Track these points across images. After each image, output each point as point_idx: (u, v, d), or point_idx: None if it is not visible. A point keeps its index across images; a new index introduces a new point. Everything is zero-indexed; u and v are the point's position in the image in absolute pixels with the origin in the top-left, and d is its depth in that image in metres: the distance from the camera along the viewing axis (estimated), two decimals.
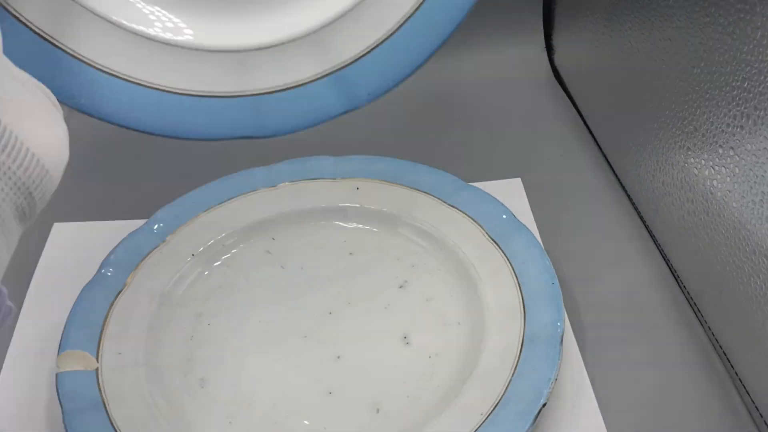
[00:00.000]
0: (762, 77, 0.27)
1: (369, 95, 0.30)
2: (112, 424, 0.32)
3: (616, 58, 0.41)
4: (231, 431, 0.33)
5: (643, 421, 0.32)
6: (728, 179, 0.30)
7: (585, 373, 0.34)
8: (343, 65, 0.30)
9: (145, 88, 0.28)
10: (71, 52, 0.26)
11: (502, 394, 0.32)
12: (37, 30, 0.25)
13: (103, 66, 0.27)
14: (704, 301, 0.35)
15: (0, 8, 0.23)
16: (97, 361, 0.34)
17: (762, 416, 0.30)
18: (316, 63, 0.29)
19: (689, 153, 0.33)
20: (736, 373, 0.32)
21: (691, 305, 0.36)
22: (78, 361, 0.34)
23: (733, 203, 0.30)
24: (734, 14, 0.28)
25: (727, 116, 0.29)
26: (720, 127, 0.30)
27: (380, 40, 0.29)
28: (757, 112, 0.27)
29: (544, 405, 0.30)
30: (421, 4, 0.29)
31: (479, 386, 0.33)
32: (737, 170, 0.29)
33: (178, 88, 0.28)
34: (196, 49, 0.28)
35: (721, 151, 0.30)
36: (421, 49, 0.30)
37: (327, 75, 0.30)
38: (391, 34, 0.29)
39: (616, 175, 0.44)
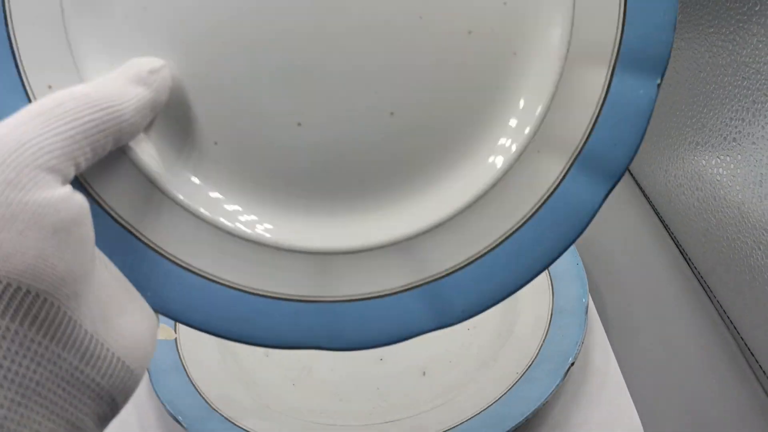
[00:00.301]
0: (759, 76, 0.31)
1: (464, 312, 0.25)
2: (191, 382, 0.36)
3: None
4: (295, 392, 0.37)
5: (660, 381, 0.36)
6: (732, 165, 0.35)
7: (607, 341, 0.38)
8: (436, 277, 0.25)
9: (216, 285, 0.24)
10: (147, 241, 0.24)
11: (535, 356, 0.36)
12: (117, 217, 0.23)
13: (177, 259, 0.24)
14: (712, 276, 0.39)
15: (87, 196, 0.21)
16: (175, 332, 0.39)
17: (763, 371, 0.34)
18: (406, 272, 0.25)
19: (698, 147, 0.38)
20: (742, 338, 0.36)
21: (700, 281, 0.40)
22: (160, 332, 0.39)
23: (737, 186, 0.34)
24: (734, 24, 0.33)
25: (730, 111, 0.34)
26: (724, 121, 0.35)
27: (482, 253, 0.25)
28: (756, 105, 0.32)
29: (572, 364, 0.35)
30: (529, 218, 0.25)
31: (513, 350, 0.37)
32: (740, 157, 0.34)
33: (250, 287, 0.25)
34: (274, 247, 0.24)
35: (725, 142, 0.35)
36: (527, 265, 0.25)
37: (418, 286, 0.25)
38: (495, 248, 0.25)
39: (632, 174, 0.48)
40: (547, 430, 0.35)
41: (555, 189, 0.24)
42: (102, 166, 0.21)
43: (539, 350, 0.36)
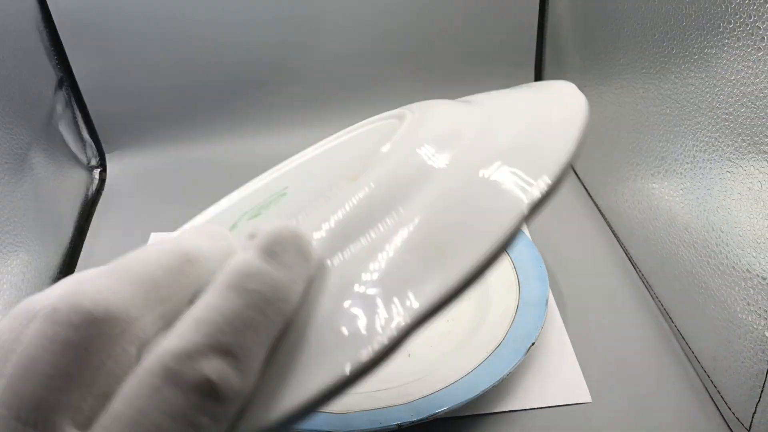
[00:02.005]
0: (677, 105, 0.39)
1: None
2: None
3: (594, 106, 0.54)
4: None
5: (606, 359, 0.43)
6: (661, 179, 0.42)
7: (564, 328, 0.45)
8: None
9: None
10: None
11: (502, 338, 0.43)
12: None
13: None
14: (652, 275, 0.46)
15: None
16: None
17: (692, 350, 0.41)
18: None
19: (637, 167, 0.46)
20: (674, 324, 0.44)
21: (641, 279, 0.48)
22: None
23: (666, 196, 0.42)
24: (658, 64, 0.41)
25: (658, 135, 0.42)
26: (654, 144, 0.43)
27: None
28: (676, 128, 0.40)
29: (533, 344, 0.41)
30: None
31: (485, 335, 0.44)
32: (667, 172, 0.42)
33: None
34: None
35: (656, 161, 0.43)
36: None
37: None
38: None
39: (590, 194, 0.56)
40: (511, 398, 0.41)
41: None
42: None
43: (506, 334, 0.43)
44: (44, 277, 0.49)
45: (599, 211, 0.54)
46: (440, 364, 0.43)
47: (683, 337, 0.43)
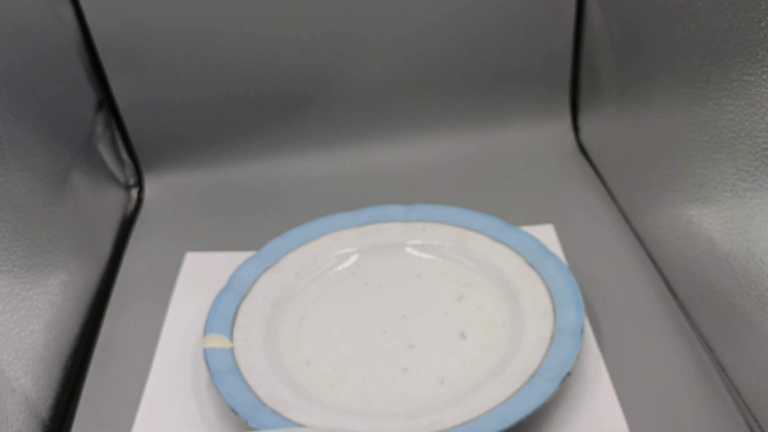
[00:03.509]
0: (717, 132, 0.39)
1: None
2: (246, 383, 0.43)
3: (624, 131, 0.54)
4: (331, 394, 0.44)
5: (644, 391, 0.42)
6: (701, 207, 0.42)
7: (601, 357, 0.44)
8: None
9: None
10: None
11: (537, 367, 0.42)
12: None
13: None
14: (691, 303, 0.45)
15: None
16: (231, 343, 0.46)
17: (737, 390, 0.40)
18: None
19: (676, 194, 0.45)
20: (713, 353, 0.43)
21: (680, 307, 0.47)
22: (218, 342, 0.46)
23: (706, 224, 0.41)
24: (696, 90, 0.40)
25: (697, 162, 0.41)
26: (692, 171, 0.42)
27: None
28: (715, 156, 0.39)
29: (568, 374, 0.41)
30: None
31: (519, 364, 0.43)
32: (706, 200, 0.41)
33: None
34: None
35: (694, 188, 0.42)
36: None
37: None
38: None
39: (627, 219, 0.55)
40: (546, 429, 0.41)
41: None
42: None
43: (541, 363, 0.43)
44: (83, 297, 0.50)
45: (637, 236, 0.53)
46: (473, 392, 0.42)
47: (724, 369, 0.42)
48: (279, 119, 0.63)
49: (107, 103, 0.59)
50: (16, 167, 0.42)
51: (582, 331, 0.43)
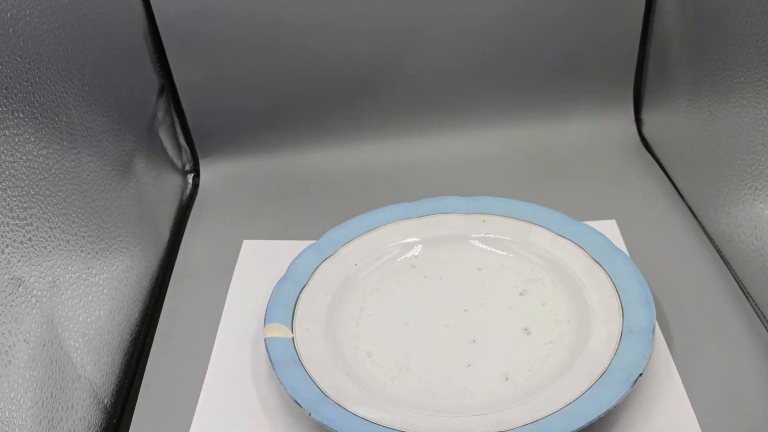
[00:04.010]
0: None
1: None
2: (307, 374, 0.42)
3: (697, 125, 0.52)
4: (394, 388, 0.43)
5: (718, 396, 0.41)
6: None
7: (671, 358, 0.43)
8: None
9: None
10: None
11: (606, 366, 0.41)
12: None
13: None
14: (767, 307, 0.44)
15: None
16: (292, 333, 0.45)
17: None
18: None
19: (756, 191, 0.43)
20: None
21: (755, 311, 0.45)
22: (279, 332, 0.45)
23: None
24: None
25: None
26: None
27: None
28: None
29: (640, 375, 0.39)
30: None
31: (588, 362, 0.42)
32: None
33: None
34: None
35: None
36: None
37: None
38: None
39: (696, 217, 0.53)
40: (616, 430, 0.40)
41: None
42: None
43: (610, 362, 0.41)
44: (144, 282, 0.50)
45: (707, 234, 0.52)
46: (540, 390, 0.41)
47: None
48: (339, 107, 0.62)
49: (168, 87, 0.59)
50: (86, 152, 0.42)
51: (653, 331, 0.42)
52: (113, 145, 0.47)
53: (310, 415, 0.39)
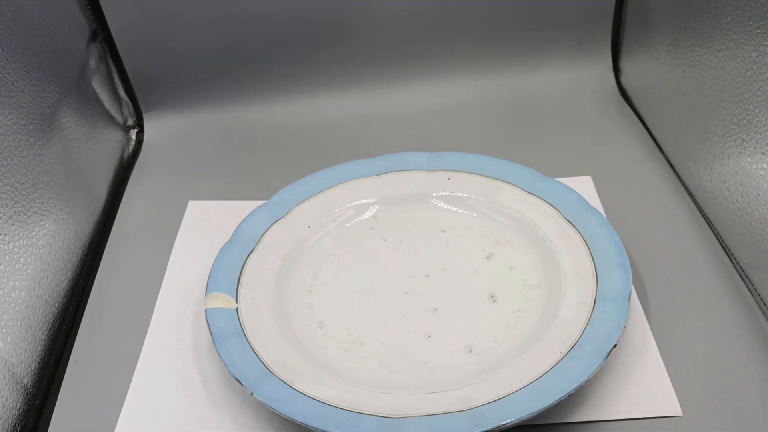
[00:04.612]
0: None
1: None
2: (251, 348, 0.39)
3: (678, 72, 0.48)
4: (347, 362, 0.39)
5: (697, 366, 0.38)
6: None
7: (648, 326, 0.40)
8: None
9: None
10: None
11: (578, 337, 0.38)
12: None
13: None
14: (753, 268, 0.40)
15: None
16: (236, 302, 0.41)
17: None
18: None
19: (743, 144, 0.39)
20: None
21: (740, 273, 0.42)
22: (221, 302, 0.41)
23: None
24: None
25: None
26: None
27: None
28: None
29: (614, 346, 0.36)
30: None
31: (558, 332, 0.39)
32: None
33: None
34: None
35: None
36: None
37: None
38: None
39: (676, 172, 0.50)
40: (587, 407, 0.36)
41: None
42: None
43: (582, 332, 0.38)
44: (73, 248, 0.45)
45: (688, 192, 0.48)
46: (506, 363, 0.38)
47: None
48: (293, 56, 0.57)
49: (102, 33, 0.54)
50: None
51: (629, 298, 0.38)
52: (30, 97, 0.41)
53: (251, 394, 0.35)
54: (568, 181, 0.49)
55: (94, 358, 0.41)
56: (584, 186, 0.50)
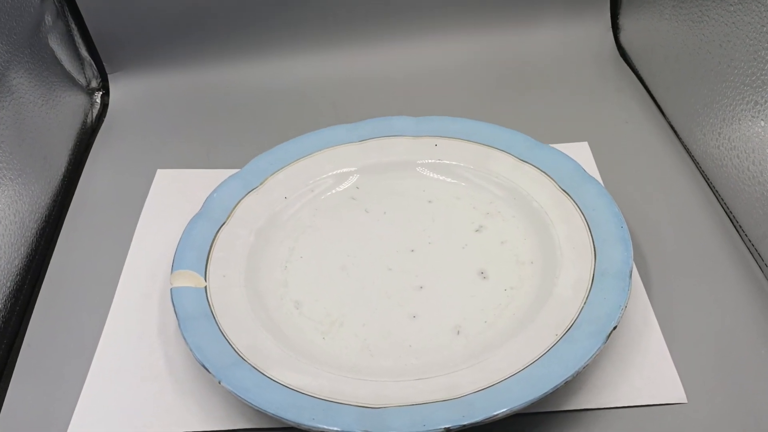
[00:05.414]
0: None
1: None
2: (220, 330, 0.35)
3: (684, 28, 0.44)
4: (325, 346, 0.36)
5: (704, 350, 0.35)
6: None
7: (650, 306, 0.37)
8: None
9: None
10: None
11: (575, 317, 0.35)
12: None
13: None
14: (763, 243, 0.37)
15: None
16: (205, 281, 0.38)
17: None
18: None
19: (756, 107, 0.36)
20: None
21: (749, 248, 0.39)
22: (189, 280, 0.38)
23: None
24: None
25: None
26: None
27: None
28: None
29: (614, 328, 0.33)
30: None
31: (553, 312, 0.36)
32: None
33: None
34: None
35: None
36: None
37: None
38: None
39: (679, 137, 0.46)
40: (585, 393, 0.33)
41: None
42: None
43: (580, 313, 0.35)
44: (28, 222, 0.42)
45: (693, 159, 0.45)
46: (496, 346, 0.35)
47: None
48: (269, 13, 0.53)
49: None
50: None
51: (630, 275, 0.35)
52: None
53: (219, 382, 0.32)
54: (564, 148, 0.46)
55: (50, 341, 0.38)
56: (580, 152, 0.47)
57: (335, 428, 0.30)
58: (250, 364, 0.34)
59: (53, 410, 0.35)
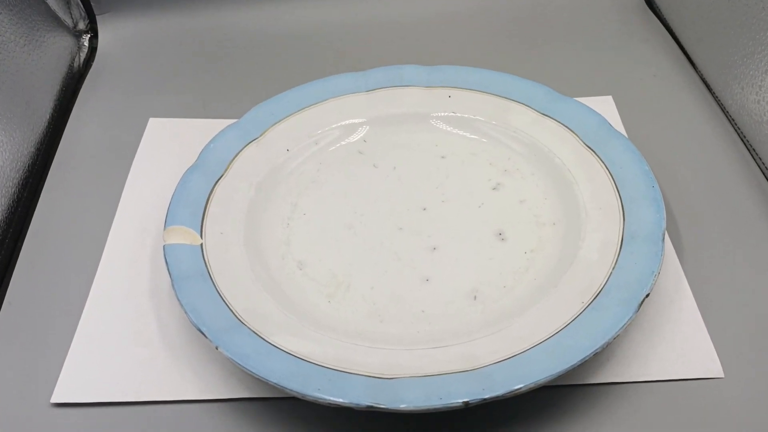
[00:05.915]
0: None
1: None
2: (217, 291, 0.33)
3: None
4: (330, 310, 0.34)
5: (740, 319, 0.32)
6: None
7: (682, 272, 0.35)
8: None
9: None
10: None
11: (603, 283, 0.32)
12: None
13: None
14: None
15: None
16: (201, 238, 0.35)
17: None
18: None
19: None
20: None
21: None
22: (183, 236, 0.35)
23: None
24: None
25: None
26: None
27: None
28: None
29: (647, 296, 0.31)
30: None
31: (578, 278, 0.33)
32: None
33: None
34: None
35: None
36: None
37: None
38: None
39: (712, 92, 0.44)
40: (614, 366, 0.31)
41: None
42: None
43: (608, 278, 0.32)
44: (9, 172, 0.39)
45: (726, 115, 0.42)
46: (517, 314, 0.33)
47: None
48: None
49: None
50: None
51: (663, 238, 0.33)
52: None
53: (217, 348, 0.30)
54: (588, 101, 0.44)
55: (33, 301, 0.35)
56: (605, 108, 0.45)
57: (342, 400, 0.28)
58: (249, 328, 0.31)
59: (35, 377, 0.32)
